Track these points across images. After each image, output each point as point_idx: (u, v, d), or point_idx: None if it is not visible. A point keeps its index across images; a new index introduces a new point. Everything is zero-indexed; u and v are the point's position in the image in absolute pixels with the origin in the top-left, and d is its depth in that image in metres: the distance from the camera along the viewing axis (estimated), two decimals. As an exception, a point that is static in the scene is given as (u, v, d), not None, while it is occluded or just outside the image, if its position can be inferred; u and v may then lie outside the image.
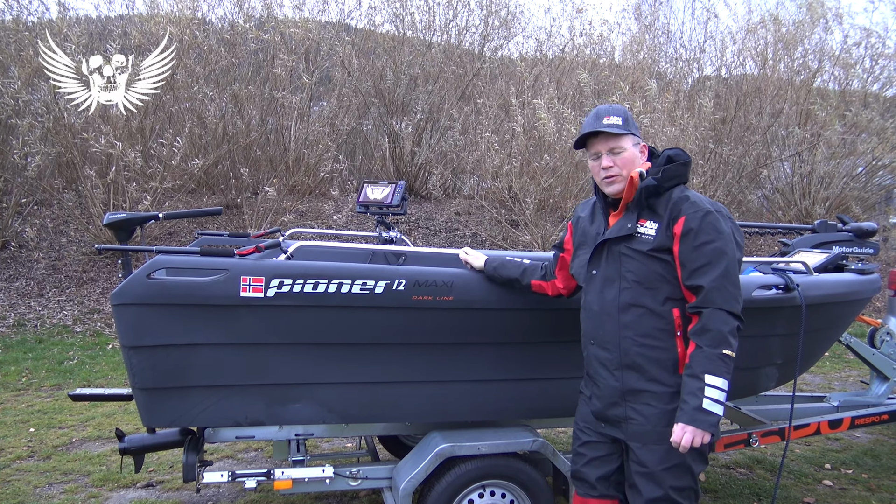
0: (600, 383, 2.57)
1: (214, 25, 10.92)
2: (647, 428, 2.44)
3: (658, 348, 2.43)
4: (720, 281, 2.32)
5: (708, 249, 2.34)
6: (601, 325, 2.55)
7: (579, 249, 2.73)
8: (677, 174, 2.50)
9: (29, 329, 7.92)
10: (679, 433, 2.29)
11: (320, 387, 3.02)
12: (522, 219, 10.11)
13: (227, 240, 4.15)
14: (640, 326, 2.45)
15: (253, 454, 4.83)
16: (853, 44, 12.47)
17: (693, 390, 2.29)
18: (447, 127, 11.66)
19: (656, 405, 2.43)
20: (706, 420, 2.26)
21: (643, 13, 13.87)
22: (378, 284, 2.86)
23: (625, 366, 2.48)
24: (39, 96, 8.89)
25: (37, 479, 4.34)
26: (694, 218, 2.36)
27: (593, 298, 2.58)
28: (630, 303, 2.46)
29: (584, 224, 2.73)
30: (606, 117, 2.51)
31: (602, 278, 2.55)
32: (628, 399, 2.49)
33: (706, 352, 2.29)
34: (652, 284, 2.43)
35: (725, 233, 2.38)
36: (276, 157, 10.53)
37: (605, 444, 2.62)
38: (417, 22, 12.23)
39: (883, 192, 12.70)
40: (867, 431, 5.41)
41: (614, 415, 2.53)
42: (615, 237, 2.51)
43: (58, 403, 5.87)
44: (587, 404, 2.69)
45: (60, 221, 9.81)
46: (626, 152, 2.49)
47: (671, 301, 2.43)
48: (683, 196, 2.44)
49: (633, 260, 2.46)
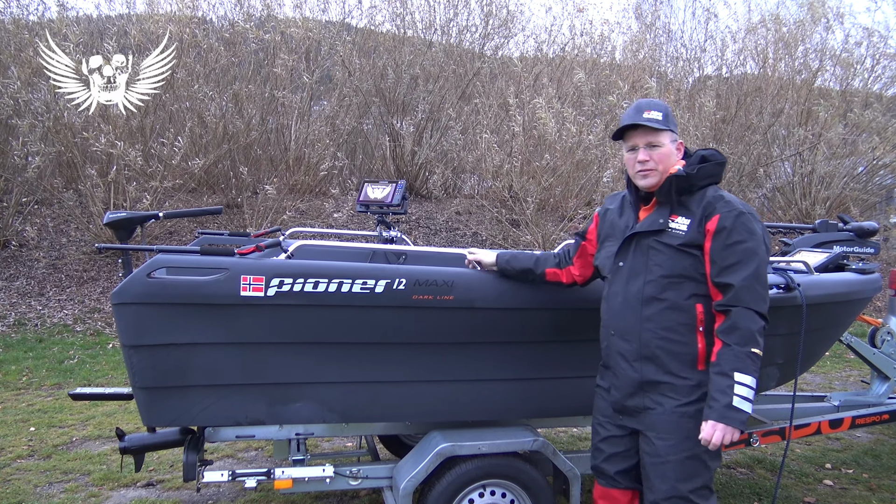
0: (619, 374, 2.60)
1: (214, 24, 10.92)
2: (663, 418, 2.47)
3: (678, 342, 2.46)
4: (750, 280, 2.34)
5: (740, 249, 2.37)
6: (623, 316, 2.57)
7: (606, 241, 2.75)
8: (712, 173, 2.53)
9: (29, 328, 7.92)
10: (709, 431, 2.32)
11: (321, 386, 3.02)
12: (523, 218, 10.11)
13: (227, 239, 4.15)
14: (661, 320, 2.48)
15: (253, 453, 4.82)
16: (854, 43, 12.47)
17: (722, 388, 2.32)
18: (448, 126, 11.65)
19: (674, 397, 2.46)
20: (736, 417, 2.29)
21: (643, 12, 13.89)
22: (378, 284, 2.85)
23: (644, 357, 2.51)
24: (39, 96, 8.89)
25: (37, 479, 4.34)
26: (728, 217, 2.39)
27: (618, 290, 2.61)
28: (654, 296, 2.49)
29: (613, 216, 2.75)
30: (647, 111, 2.53)
31: (628, 270, 2.58)
32: (647, 390, 2.52)
33: (735, 350, 2.32)
34: (678, 279, 2.46)
35: (757, 234, 2.41)
36: (277, 157, 10.53)
37: (624, 438, 2.65)
38: (418, 21, 12.24)
39: (883, 191, 12.69)
40: (868, 431, 5.40)
41: (633, 405, 2.57)
42: (645, 230, 2.53)
43: (58, 402, 5.87)
44: (605, 397, 2.71)
45: (61, 221, 9.81)
46: (664, 148, 2.52)
47: (695, 296, 2.46)
48: (718, 195, 2.48)
49: (662, 254, 2.49)
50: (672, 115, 2.58)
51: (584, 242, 2.92)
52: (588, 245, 2.90)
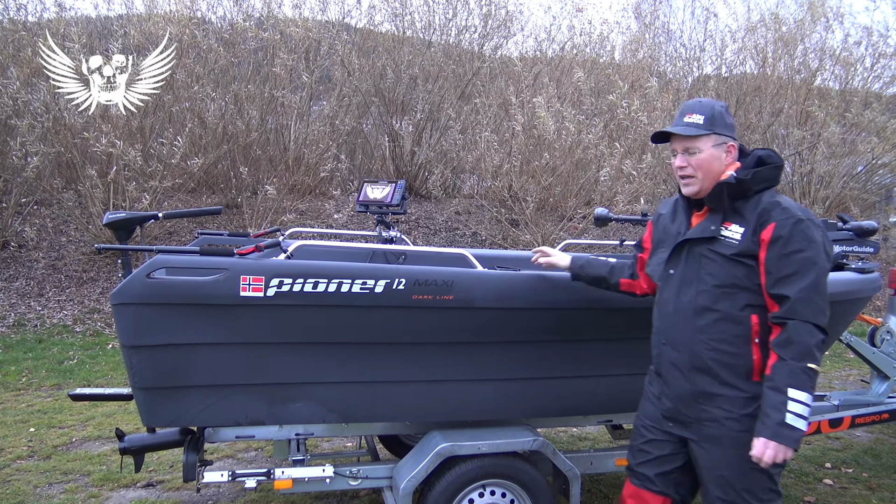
0: (671, 384, 2.54)
1: (214, 25, 10.92)
2: (720, 432, 2.40)
3: (733, 354, 2.38)
4: (808, 292, 2.25)
5: (797, 258, 2.27)
6: (675, 325, 2.51)
7: (658, 248, 2.68)
8: (768, 177, 2.42)
9: (29, 329, 7.92)
10: (761, 448, 2.24)
11: (320, 386, 3.02)
12: (523, 218, 10.11)
13: (226, 239, 4.15)
14: (714, 331, 2.40)
15: (253, 454, 4.82)
16: (854, 42, 12.46)
17: (776, 404, 2.23)
18: (447, 126, 11.65)
19: (730, 409, 2.39)
20: (789, 436, 2.21)
21: (643, 12, 13.89)
22: (378, 284, 2.85)
23: (696, 368, 2.44)
24: (38, 96, 8.88)
25: (37, 479, 4.33)
26: (784, 225, 2.30)
27: (669, 298, 2.54)
28: (706, 306, 2.41)
29: (665, 222, 2.69)
30: (689, 115, 2.45)
31: (679, 278, 2.51)
32: (701, 401, 2.45)
33: (790, 365, 2.24)
34: (731, 289, 2.38)
35: (817, 242, 2.30)
36: (276, 157, 10.52)
37: (668, 443, 2.58)
38: (417, 21, 12.23)
39: (883, 191, 12.69)
40: (867, 430, 5.41)
41: (685, 415, 2.50)
42: (697, 238, 2.46)
43: (58, 403, 5.87)
44: (655, 403, 2.64)
45: (60, 221, 9.80)
46: (703, 154, 2.43)
47: (750, 307, 2.36)
48: (774, 201, 2.37)
49: (714, 263, 2.41)
50: (721, 116, 2.46)
51: (640, 255, 2.86)
52: (644, 256, 2.83)
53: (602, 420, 3.78)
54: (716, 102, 2.50)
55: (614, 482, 4.38)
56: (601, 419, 3.77)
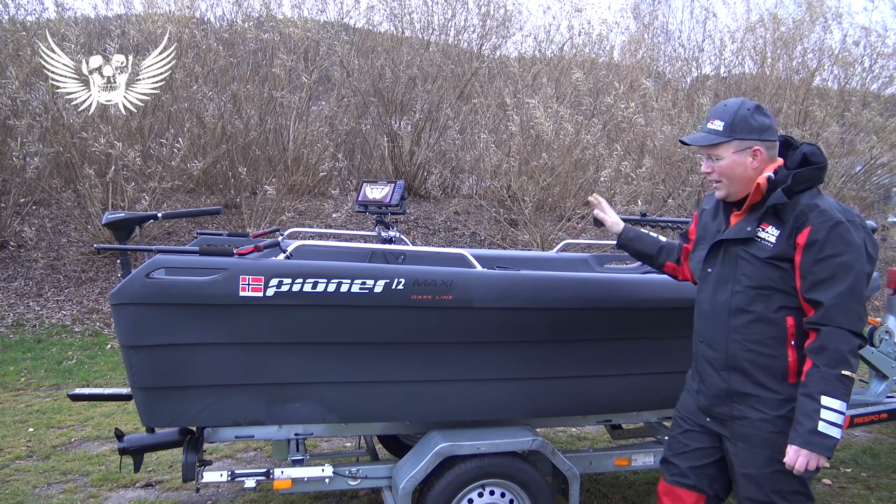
0: (707, 381, 2.55)
1: (213, 25, 10.92)
2: (752, 431, 2.40)
3: (768, 355, 2.37)
4: (844, 298, 2.21)
5: (833, 263, 2.23)
6: (710, 324, 2.51)
7: (699, 244, 2.68)
8: (810, 178, 2.36)
9: (27, 329, 7.91)
10: (793, 456, 2.23)
11: (320, 386, 3.02)
12: (521, 218, 10.11)
13: (226, 239, 4.15)
14: (749, 332, 2.39)
15: (252, 454, 4.82)
16: (853, 42, 12.47)
17: (808, 412, 2.22)
18: (446, 126, 11.65)
19: (764, 410, 2.38)
20: (822, 444, 2.19)
21: (642, 12, 13.89)
22: (377, 284, 2.86)
23: (731, 367, 2.44)
24: (37, 96, 8.87)
25: (36, 479, 4.33)
26: (821, 228, 2.24)
27: (706, 297, 2.55)
28: (741, 307, 2.40)
29: (707, 218, 2.67)
30: (711, 121, 2.43)
31: (716, 278, 2.50)
32: (735, 400, 2.45)
33: (823, 372, 2.21)
34: (767, 291, 2.35)
35: (856, 245, 2.25)
36: (275, 157, 10.52)
37: (705, 436, 2.59)
38: (416, 21, 12.24)
39: (881, 191, 12.70)
40: (865, 430, 5.41)
41: (720, 412, 2.51)
42: (732, 238, 2.45)
43: (57, 403, 5.87)
44: (693, 397, 2.65)
45: (59, 221, 9.80)
46: (725, 161, 2.40)
47: (786, 309, 2.34)
48: (812, 203, 2.30)
49: (750, 264, 2.39)
50: (745, 120, 2.38)
51: (685, 245, 2.86)
52: (689, 247, 2.82)
53: (601, 420, 3.79)
54: (742, 104, 2.42)
55: (613, 482, 4.38)
56: (600, 419, 3.77)
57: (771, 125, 2.42)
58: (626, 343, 3.31)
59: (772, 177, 2.35)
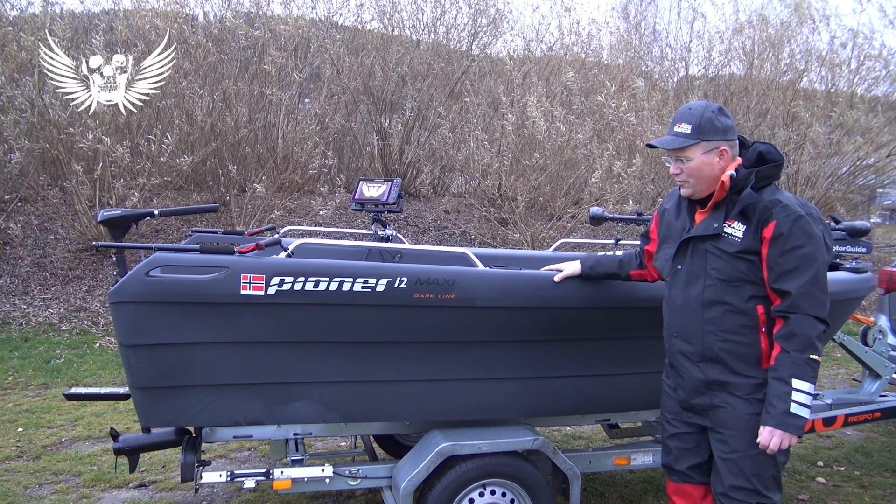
0: (684, 374, 2.63)
1: (201, 21, 10.82)
2: (732, 415, 2.50)
3: (742, 343, 2.48)
4: (809, 287, 2.34)
5: (798, 254, 2.36)
6: (684, 319, 2.60)
7: (664, 243, 2.75)
8: (769, 175, 2.50)
9: (14, 327, 7.81)
10: (767, 436, 2.35)
11: (321, 385, 3.00)
12: (512, 217, 10.11)
13: (221, 237, 4.11)
14: (723, 322, 2.49)
15: (246, 453, 4.79)
16: (840, 44, 12.59)
17: (780, 394, 2.34)
18: (436, 125, 11.63)
19: (742, 395, 2.48)
20: (793, 423, 2.33)
21: (630, 13, 13.94)
22: (380, 282, 2.83)
23: (708, 358, 2.54)
24: (23, 91, 8.76)
25: (27, 480, 4.27)
26: (785, 222, 2.37)
27: (677, 293, 2.64)
28: (714, 299, 2.50)
29: (670, 217, 2.75)
30: (678, 124, 2.51)
31: (686, 274, 2.60)
32: (713, 389, 2.54)
33: (793, 356, 2.34)
34: (736, 283, 2.47)
35: (816, 236, 2.39)
36: (265, 155, 10.45)
37: (693, 434, 2.69)
38: (405, 20, 12.20)
39: (867, 191, 12.83)
40: (858, 429, 5.45)
41: (699, 403, 2.60)
42: (701, 235, 2.53)
43: (46, 402, 5.79)
44: (672, 395, 2.74)
45: (45, 218, 9.68)
46: (693, 162, 2.49)
47: (755, 298, 2.46)
48: (774, 199, 2.44)
49: (719, 258, 2.49)
50: (710, 122, 2.48)
51: (646, 247, 2.95)
52: (651, 248, 2.92)
53: (600, 419, 3.79)
54: (707, 107, 2.52)
55: (610, 481, 4.38)
56: (599, 418, 3.77)
57: (732, 125, 2.55)
58: (627, 342, 3.31)
59: (734, 175, 2.45)
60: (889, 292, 5.78)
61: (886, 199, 16.90)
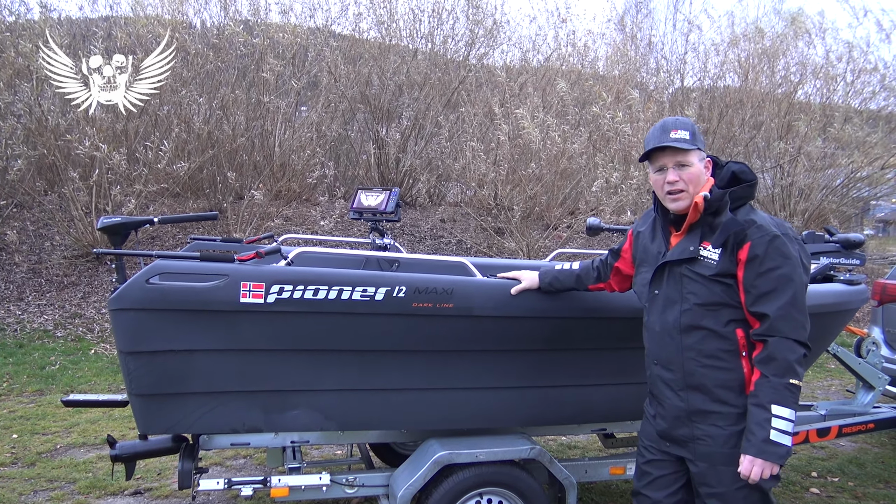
0: (665, 403, 2.54)
1: (198, 30, 10.85)
2: (715, 449, 2.40)
3: (723, 369, 2.39)
4: (786, 309, 2.27)
5: (774, 276, 2.28)
6: (663, 345, 2.52)
7: (641, 267, 2.69)
8: (743, 195, 2.44)
9: (9, 333, 7.79)
10: (748, 466, 2.26)
11: (319, 394, 3.00)
12: (508, 226, 10.14)
13: (219, 245, 4.12)
14: (703, 347, 2.41)
15: (241, 461, 4.78)
16: (836, 58, 12.68)
17: (760, 421, 2.25)
18: (433, 134, 11.67)
19: (724, 426, 2.39)
20: (774, 452, 2.23)
21: (626, 24, 14.01)
22: (379, 291, 2.85)
23: (689, 386, 2.45)
24: (21, 97, 8.77)
25: (21, 487, 4.26)
26: (760, 243, 2.30)
27: (655, 319, 2.56)
28: (692, 324, 2.42)
29: (645, 241, 2.68)
30: (674, 131, 2.45)
31: (664, 299, 2.52)
32: (695, 419, 2.45)
33: (772, 381, 2.25)
34: (714, 307, 2.39)
35: (793, 257, 2.32)
36: (262, 163, 10.47)
37: (669, 462, 2.58)
38: (402, 29, 12.26)
39: (861, 204, 12.90)
40: (851, 440, 5.48)
41: (680, 435, 2.50)
42: (677, 259, 2.47)
43: (41, 409, 5.78)
44: (651, 423, 2.64)
45: (41, 224, 9.67)
46: (693, 168, 2.44)
47: (734, 322, 2.38)
48: (749, 219, 2.37)
49: (696, 282, 2.42)
50: (699, 133, 2.50)
51: (616, 264, 2.90)
52: (621, 265, 2.88)
53: (597, 429, 3.80)
54: (690, 120, 2.53)
55: (605, 490, 4.39)
56: (595, 428, 3.78)
57: None
58: (623, 352, 3.32)
59: (708, 196, 2.40)
60: (882, 304, 5.82)
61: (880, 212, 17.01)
